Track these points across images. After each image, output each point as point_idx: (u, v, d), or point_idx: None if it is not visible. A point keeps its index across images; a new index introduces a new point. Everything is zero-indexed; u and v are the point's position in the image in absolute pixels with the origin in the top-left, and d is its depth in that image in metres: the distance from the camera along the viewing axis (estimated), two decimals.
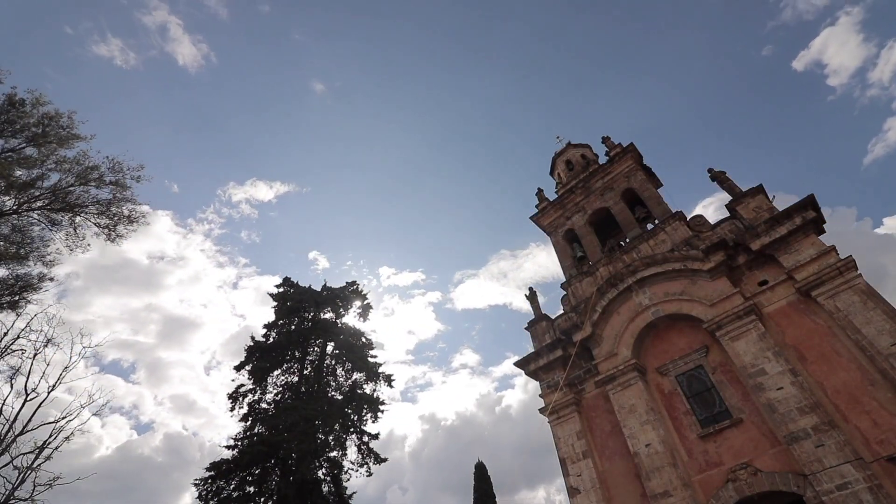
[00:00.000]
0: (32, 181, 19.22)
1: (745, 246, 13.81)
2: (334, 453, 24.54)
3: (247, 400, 26.17)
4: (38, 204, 19.35)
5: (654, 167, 19.78)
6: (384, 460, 25.57)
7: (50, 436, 18.57)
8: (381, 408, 26.89)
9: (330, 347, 28.66)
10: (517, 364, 17.40)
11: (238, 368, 27.18)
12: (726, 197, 15.68)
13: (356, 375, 27.98)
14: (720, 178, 16.09)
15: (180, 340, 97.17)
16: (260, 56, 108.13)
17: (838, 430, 10.48)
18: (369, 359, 28.48)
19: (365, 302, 31.34)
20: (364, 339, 29.60)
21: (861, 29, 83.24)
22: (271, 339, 28.37)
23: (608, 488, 13.54)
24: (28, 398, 18.83)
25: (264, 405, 26.06)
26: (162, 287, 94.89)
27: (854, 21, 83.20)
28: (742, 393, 12.50)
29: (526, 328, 18.36)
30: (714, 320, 13.20)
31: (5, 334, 18.83)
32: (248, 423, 25.08)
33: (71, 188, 19.83)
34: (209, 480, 22.18)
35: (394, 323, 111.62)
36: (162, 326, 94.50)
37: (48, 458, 18.21)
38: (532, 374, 17.09)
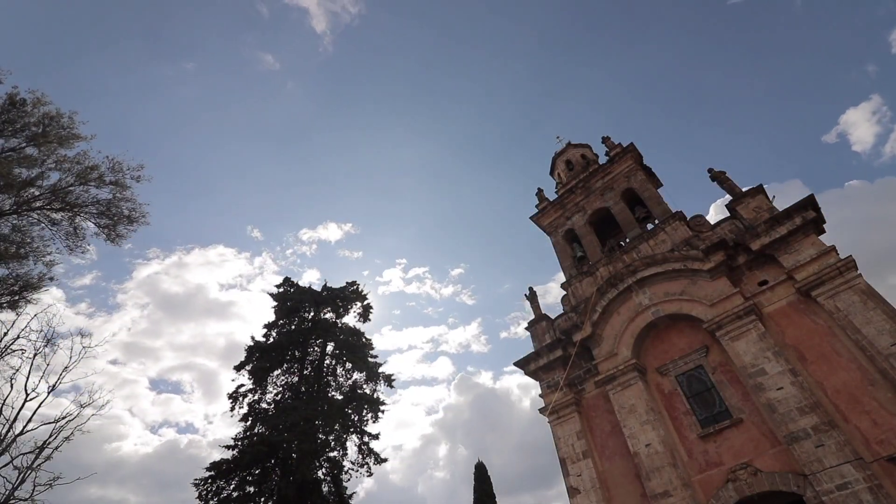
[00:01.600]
0: (32, 180, 19.21)
1: (745, 246, 13.81)
2: (334, 453, 24.52)
3: (247, 400, 26.15)
4: (38, 204, 19.34)
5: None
6: (384, 460, 25.57)
7: (50, 436, 18.56)
8: (382, 408, 26.89)
9: (330, 347, 28.63)
10: (517, 364, 17.39)
11: (238, 368, 27.16)
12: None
13: (356, 375, 27.97)
14: (720, 178, 16.09)
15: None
16: (350, 100, 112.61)
17: (838, 430, 10.48)
18: (369, 359, 28.47)
19: (365, 302, 31.29)
20: (364, 339, 29.56)
21: (891, 107, 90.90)
22: (271, 339, 28.35)
23: (608, 488, 13.54)
24: (28, 398, 18.82)
25: (264, 405, 26.03)
26: (230, 316, 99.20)
27: (884, 100, 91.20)
28: (742, 393, 12.50)
29: (526, 328, 18.37)
30: (714, 320, 13.20)
31: (5, 334, 18.82)
32: (249, 423, 25.04)
33: (71, 188, 19.82)
34: (209, 480, 22.12)
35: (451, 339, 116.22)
36: (225, 350, 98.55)
37: (48, 458, 18.19)
38: (532, 374, 17.08)
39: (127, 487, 69.31)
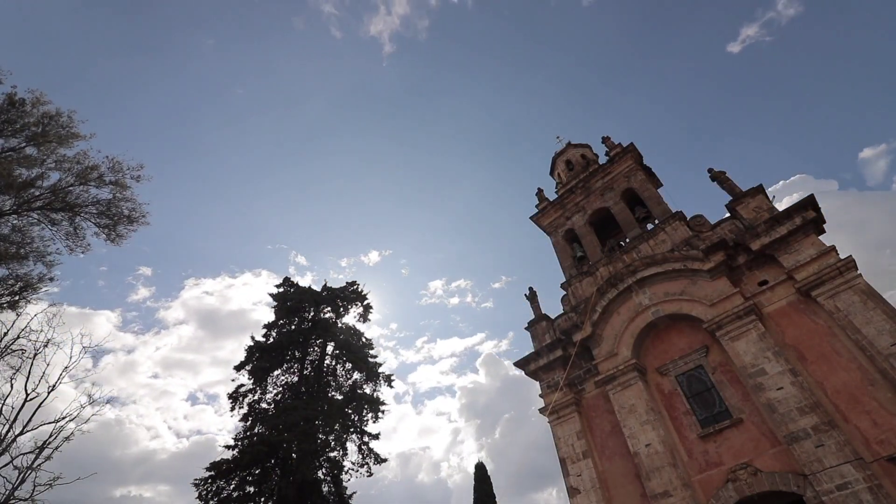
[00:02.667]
0: (32, 181, 19.22)
1: (745, 246, 13.81)
2: (334, 453, 24.54)
3: (247, 400, 26.15)
4: (38, 204, 19.35)
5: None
6: (384, 460, 25.58)
7: (50, 436, 18.57)
8: (382, 408, 26.90)
9: (330, 347, 28.64)
10: (517, 364, 17.38)
11: (238, 368, 27.14)
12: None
13: (356, 375, 27.98)
14: (720, 179, 16.08)
15: None
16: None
17: (838, 430, 10.48)
18: (369, 359, 28.47)
19: (365, 302, 31.29)
20: (364, 339, 29.58)
21: None
22: (271, 339, 28.33)
23: (608, 488, 13.54)
24: (28, 398, 18.82)
25: (264, 405, 26.04)
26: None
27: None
28: (742, 393, 12.50)
29: (526, 328, 18.36)
30: (714, 320, 13.20)
31: (5, 334, 18.82)
32: (249, 423, 25.04)
33: (71, 188, 19.84)
34: (209, 480, 22.10)
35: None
36: None
37: (48, 458, 18.21)
38: (532, 375, 17.07)
39: (149, 484, 74.09)
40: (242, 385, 26.62)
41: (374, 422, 26.46)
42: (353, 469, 24.87)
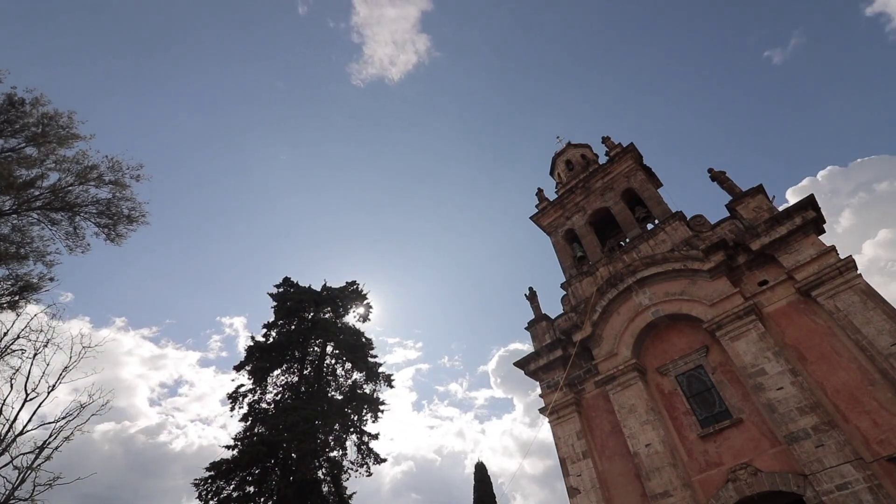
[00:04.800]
0: (32, 181, 19.21)
1: (745, 246, 13.81)
2: (334, 453, 24.50)
3: (247, 400, 26.09)
4: (38, 204, 19.34)
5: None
6: (384, 460, 25.55)
7: (50, 436, 18.54)
8: (382, 408, 26.87)
9: (330, 347, 28.60)
10: (517, 364, 17.39)
11: (238, 368, 27.10)
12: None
13: (356, 375, 27.94)
14: (720, 179, 16.08)
15: None
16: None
17: (838, 430, 10.48)
18: (369, 359, 28.45)
19: (365, 302, 31.27)
20: (364, 339, 29.54)
21: None
22: (271, 339, 28.30)
23: (608, 488, 13.54)
24: (28, 398, 18.81)
25: (264, 405, 25.98)
26: None
27: None
28: (742, 393, 12.50)
29: (526, 328, 18.36)
30: (714, 320, 13.20)
31: (5, 334, 18.80)
32: (248, 423, 25.01)
33: (70, 187, 19.84)
34: (209, 480, 22.07)
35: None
36: None
37: (48, 458, 18.17)
38: (532, 375, 17.08)
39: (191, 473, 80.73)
40: (242, 385, 26.59)
41: (373, 422, 26.41)
42: (352, 469, 24.85)
